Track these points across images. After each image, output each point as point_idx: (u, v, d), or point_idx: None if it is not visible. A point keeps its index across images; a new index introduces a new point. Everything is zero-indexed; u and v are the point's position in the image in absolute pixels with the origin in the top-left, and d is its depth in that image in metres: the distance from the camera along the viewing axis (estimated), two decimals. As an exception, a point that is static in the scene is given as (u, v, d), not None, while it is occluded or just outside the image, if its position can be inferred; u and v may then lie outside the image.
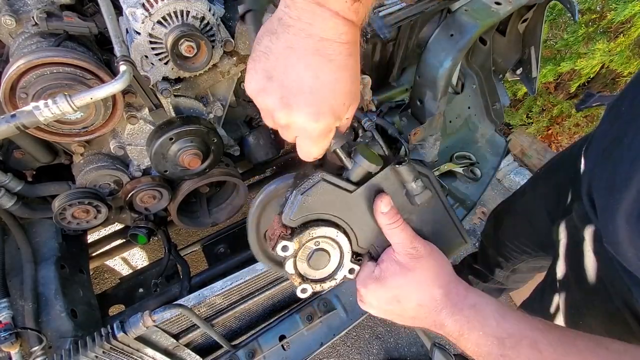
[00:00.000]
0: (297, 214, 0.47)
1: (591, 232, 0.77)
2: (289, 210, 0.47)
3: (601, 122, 0.78)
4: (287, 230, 0.48)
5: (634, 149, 0.62)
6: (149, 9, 0.65)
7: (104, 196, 0.91)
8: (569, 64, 1.64)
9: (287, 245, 0.48)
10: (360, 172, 0.48)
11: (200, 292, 0.72)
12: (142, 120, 0.84)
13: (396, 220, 0.50)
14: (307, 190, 0.47)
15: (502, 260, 1.35)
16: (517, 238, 1.24)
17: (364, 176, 0.49)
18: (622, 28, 1.64)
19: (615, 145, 0.68)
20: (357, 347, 1.78)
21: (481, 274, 1.54)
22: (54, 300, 0.90)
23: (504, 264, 1.36)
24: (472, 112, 1.32)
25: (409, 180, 0.49)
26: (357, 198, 0.49)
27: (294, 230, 0.48)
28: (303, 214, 0.48)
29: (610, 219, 0.66)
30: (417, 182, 0.49)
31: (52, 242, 1.00)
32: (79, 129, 0.71)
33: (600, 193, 0.72)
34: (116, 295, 1.23)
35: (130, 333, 0.66)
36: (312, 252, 0.50)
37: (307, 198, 0.47)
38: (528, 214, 1.17)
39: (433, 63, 0.91)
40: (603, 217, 0.71)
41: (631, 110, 0.67)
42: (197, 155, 0.87)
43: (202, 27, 0.73)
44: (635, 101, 0.68)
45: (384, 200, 0.49)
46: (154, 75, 0.75)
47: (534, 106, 2.15)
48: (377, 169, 0.48)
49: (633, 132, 0.63)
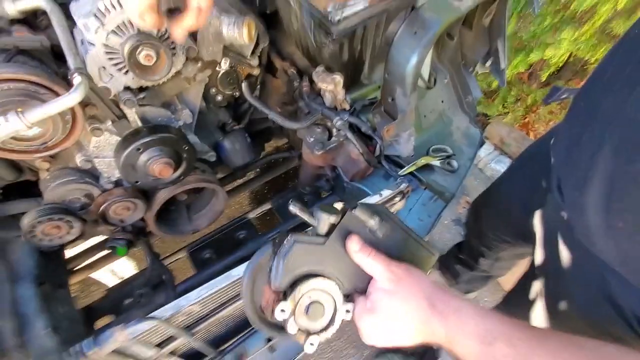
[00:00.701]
0: (283, 277, 0.53)
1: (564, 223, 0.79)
2: (276, 277, 0.53)
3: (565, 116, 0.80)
4: (279, 295, 0.54)
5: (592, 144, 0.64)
6: (102, 19, 0.64)
7: (75, 211, 0.89)
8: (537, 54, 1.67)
9: (284, 307, 0.52)
10: (324, 225, 0.54)
11: (176, 302, 0.71)
12: (108, 132, 0.83)
13: (369, 253, 0.54)
14: (285, 254, 0.52)
15: (485, 250, 1.37)
16: (497, 228, 1.26)
17: (330, 227, 0.54)
18: (587, 16, 1.67)
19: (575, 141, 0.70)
20: (352, 341, 1.78)
21: (467, 263, 1.57)
22: (35, 318, 0.88)
23: (487, 253, 1.38)
24: (446, 105, 1.33)
25: (367, 219, 0.55)
26: (331, 246, 0.55)
27: (285, 292, 0.53)
28: (289, 276, 0.53)
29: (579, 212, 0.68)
30: (374, 219, 0.55)
31: (29, 260, 0.98)
32: (38, 145, 0.70)
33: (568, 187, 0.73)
34: (103, 307, 1.21)
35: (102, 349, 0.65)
36: (307, 307, 0.54)
37: (288, 261, 0.52)
38: (505, 205, 1.19)
39: (400, 60, 0.91)
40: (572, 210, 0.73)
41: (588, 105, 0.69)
42: (167, 164, 0.86)
43: (161, 34, 0.72)
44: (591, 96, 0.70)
45: (353, 240, 0.54)
46: (115, 85, 0.73)
47: (508, 96, 2.19)
48: (337, 219, 0.54)
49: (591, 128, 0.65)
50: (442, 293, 0.53)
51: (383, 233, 0.56)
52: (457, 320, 0.49)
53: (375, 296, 0.55)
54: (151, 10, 0.51)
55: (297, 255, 0.53)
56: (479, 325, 0.48)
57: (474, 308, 0.50)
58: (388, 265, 0.54)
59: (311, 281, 0.54)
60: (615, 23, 1.57)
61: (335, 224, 0.54)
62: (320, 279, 0.54)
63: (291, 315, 0.53)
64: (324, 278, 0.55)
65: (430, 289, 0.53)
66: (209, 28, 0.80)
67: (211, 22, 0.79)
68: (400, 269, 0.54)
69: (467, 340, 0.48)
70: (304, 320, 0.54)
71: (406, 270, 0.55)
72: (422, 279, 0.55)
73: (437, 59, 1.26)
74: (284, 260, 0.52)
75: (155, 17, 0.52)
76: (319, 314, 0.55)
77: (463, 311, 0.50)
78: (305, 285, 0.53)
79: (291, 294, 0.53)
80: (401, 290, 0.53)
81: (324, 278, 0.55)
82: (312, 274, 0.54)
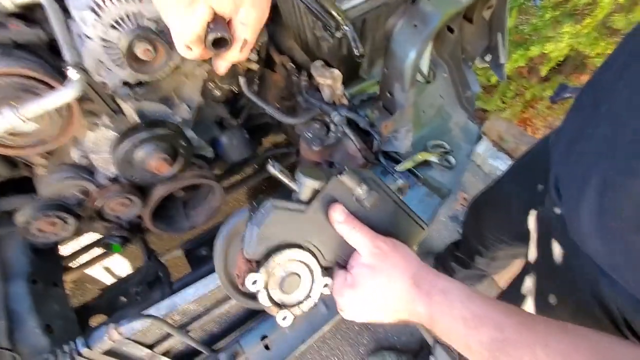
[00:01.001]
0: (257, 246, 0.48)
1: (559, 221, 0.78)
2: (249, 245, 0.49)
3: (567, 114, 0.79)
4: (252, 264, 0.50)
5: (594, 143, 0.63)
6: (99, 12, 0.63)
7: (71, 207, 0.88)
8: (538, 48, 1.67)
9: (256, 278, 0.48)
10: (307, 191, 0.50)
11: (171, 300, 0.71)
12: (105, 127, 0.82)
13: (354, 226, 0.51)
14: (261, 221, 0.48)
15: (482, 249, 1.37)
16: (496, 228, 1.25)
17: (313, 193, 0.50)
18: (588, 9, 1.67)
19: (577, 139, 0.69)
20: (348, 338, 1.79)
21: (463, 261, 1.57)
22: (27, 316, 0.88)
23: (484, 252, 1.38)
24: (445, 101, 1.33)
25: (354, 187, 0.51)
26: (312, 215, 0.50)
27: (259, 262, 0.49)
28: (263, 244, 0.49)
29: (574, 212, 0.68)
30: (362, 187, 0.51)
31: (22, 257, 0.97)
32: (34, 140, 0.69)
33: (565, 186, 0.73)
34: (98, 305, 1.20)
35: (95, 348, 0.65)
36: (282, 278, 0.50)
37: (263, 229, 0.48)
38: (504, 205, 1.19)
39: (399, 55, 0.91)
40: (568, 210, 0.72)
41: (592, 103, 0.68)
42: (164, 159, 0.85)
43: (159, 28, 0.71)
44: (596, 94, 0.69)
45: (337, 210, 0.51)
46: (112, 80, 0.72)
47: (507, 91, 2.18)
48: (322, 184, 0.50)
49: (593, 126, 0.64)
50: (428, 272, 0.51)
51: (371, 203, 0.52)
52: (442, 301, 0.48)
53: (357, 271, 0.52)
54: (198, 42, 0.50)
55: (274, 223, 0.48)
56: (465, 308, 0.46)
57: (461, 289, 0.48)
58: (373, 240, 0.51)
59: (287, 252, 0.50)
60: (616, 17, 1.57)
61: (319, 190, 0.50)
62: (297, 250, 0.50)
63: (264, 288, 0.49)
64: (301, 249, 0.51)
65: (416, 267, 0.51)
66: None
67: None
68: (387, 244, 0.52)
69: (453, 323, 0.46)
70: (277, 293, 0.51)
71: (392, 245, 0.52)
72: (409, 256, 0.52)
73: (436, 53, 1.26)
74: (259, 228, 0.48)
75: (201, 48, 0.51)
76: (294, 287, 0.51)
77: (449, 292, 0.48)
78: (280, 256, 0.49)
79: (265, 264, 0.49)
80: (385, 267, 0.51)
81: (301, 249, 0.51)
82: (289, 244, 0.50)
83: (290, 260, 0.50)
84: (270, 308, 0.51)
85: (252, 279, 0.48)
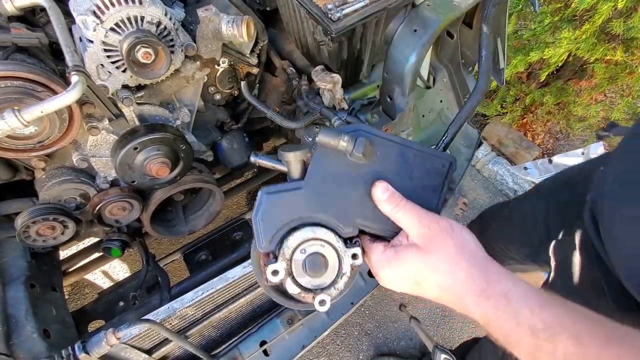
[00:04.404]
0: (266, 237, 0.47)
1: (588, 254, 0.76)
2: (258, 239, 0.47)
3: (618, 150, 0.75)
4: (269, 256, 0.48)
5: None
6: (100, 16, 0.63)
7: (71, 211, 0.88)
8: (537, 53, 1.67)
9: (274, 268, 0.46)
10: (295, 166, 0.48)
11: (170, 305, 0.70)
12: (105, 131, 0.81)
13: (398, 202, 0.47)
14: (259, 211, 0.47)
15: None
16: (506, 244, 1.23)
17: (302, 167, 0.48)
18: (587, 15, 1.68)
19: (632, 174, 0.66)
20: (347, 344, 1.78)
21: None
22: (24, 321, 0.87)
23: None
24: (444, 105, 1.33)
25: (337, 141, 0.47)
26: (312, 189, 0.48)
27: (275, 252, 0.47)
28: (272, 233, 0.47)
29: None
30: (343, 138, 0.47)
31: (20, 261, 0.97)
32: (34, 143, 0.69)
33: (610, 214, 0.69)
34: (95, 310, 1.19)
35: (93, 353, 0.64)
36: (304, 262, 0.47)
37: (265, 218, 0.46)
38: (524, 224, 1.15)
39: (399, 59, 0.91)
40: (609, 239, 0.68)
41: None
42: (164, 163, 0.85)
43: (159, 32, 0.71)
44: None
45: (379, 187, 0.47)
46: (113, 83, 0.73)
47: (507, 96, 2.19)
48: (307, 153, 0.47)
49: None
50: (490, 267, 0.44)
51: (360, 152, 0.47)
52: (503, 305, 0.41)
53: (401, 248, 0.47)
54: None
55: (272, 209, 0.46)
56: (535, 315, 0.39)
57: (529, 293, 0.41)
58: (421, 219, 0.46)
59: (297, 233, 0.47)
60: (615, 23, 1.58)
61: (306, 160, 0.48)
62: (308, 228, 0.47)
63: (287, 275, 0.47)
64: (313, 226, 0.47)
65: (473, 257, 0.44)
66: (209, 25, 0.79)
67: (210, 20, 0.78)
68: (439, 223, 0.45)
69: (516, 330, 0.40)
70: (306, 278, 0.47)
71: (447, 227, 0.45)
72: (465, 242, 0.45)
73: (436, 58, 1.26)
74: (262, 219, 0.46)
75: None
76: (321, 268, 0.48)
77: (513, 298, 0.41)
78: (292, 239, 0.47)
79: (280, 252, 0.46)
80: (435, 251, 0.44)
81: (313, 226, 0.47)
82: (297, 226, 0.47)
83: (306, 242, 0.47)
84: (301, 295, 0.47)
85: (271, 269, 0.45)
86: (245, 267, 0.75)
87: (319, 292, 0.48)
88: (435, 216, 0.47)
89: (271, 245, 0.47)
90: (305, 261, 0.47)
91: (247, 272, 0.75)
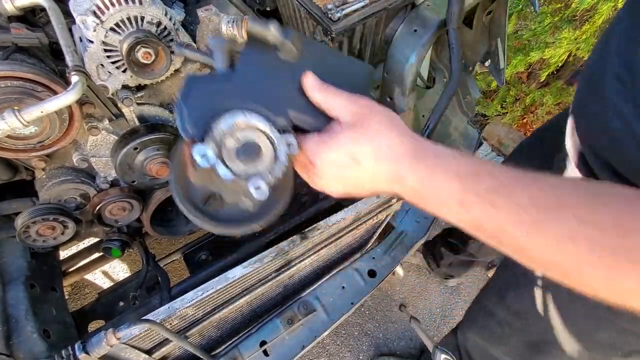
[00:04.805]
0: (191, 121, 0.42)
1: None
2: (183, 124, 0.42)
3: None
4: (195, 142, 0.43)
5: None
6: (100, 16, 0.63)
7: (71, 211, 0.88)
8: (537, 53, 1.68)
9: (203, 150, 0.41)
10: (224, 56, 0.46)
11: (170, 305, 0.70)
12: (105, 131, 0.82)
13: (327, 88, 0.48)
14: (186, 95, 0.43)
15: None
16: None
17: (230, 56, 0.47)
18: (587, 15, 1.68)
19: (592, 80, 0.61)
20: (347, 345, 1.78)
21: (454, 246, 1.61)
22: (24, 321, 0.87)
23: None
24: (445, 105, 1.33)
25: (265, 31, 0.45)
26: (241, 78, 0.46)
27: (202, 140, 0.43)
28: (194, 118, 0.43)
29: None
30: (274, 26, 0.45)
31: (20, 261, 0.97)
32: (34, 143, 0.69)
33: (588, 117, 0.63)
34: (95, 310, 1.19)
35: (93, 353, 0.64)
36: (237, 149, 0.44)
37: (192, 103, 0.43)
38: None
39: (399, 59, 0.91)
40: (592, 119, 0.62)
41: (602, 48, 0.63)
42: (165, 163, 0.85)
43: (159, 32, 0.71)
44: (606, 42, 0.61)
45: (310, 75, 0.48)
46: (112, 84, 0.73)
47: (507, 96, 2.19)
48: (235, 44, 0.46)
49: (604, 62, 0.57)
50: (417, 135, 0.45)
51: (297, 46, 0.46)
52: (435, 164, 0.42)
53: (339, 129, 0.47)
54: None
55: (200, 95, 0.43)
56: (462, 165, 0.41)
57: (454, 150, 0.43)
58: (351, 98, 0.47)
59: (228, 116, 0.43)
60: (613, 23, 1.57)
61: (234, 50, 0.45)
62: (239, 111, 0.44)
63: (217, 159, 0.43)
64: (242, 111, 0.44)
65: (401, 127, 0.46)
66: (208, 25, 0.79)
67: (210, 20, 0.78)
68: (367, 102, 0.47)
69: (446, 183, 0.41)
70: (238, 165, 0.44)
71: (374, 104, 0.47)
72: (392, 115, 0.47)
73: (436, 58, 1.26)
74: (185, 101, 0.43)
75: None
76: (255, 155, 0.45)
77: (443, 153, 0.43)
78: (222, 122, 0.43)
79: (209, 135, 0.43)
80: (370, 123, 0.45)
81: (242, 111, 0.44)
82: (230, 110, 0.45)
83: (237, 128, 0.44)
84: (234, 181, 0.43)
85: (200, 152, 0.41)
86: (245, 267, 0.76)
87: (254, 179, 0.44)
88: (363, 97, 0.48)
89: (198, 130, 0.43)
90: (240, 149, 0.44)
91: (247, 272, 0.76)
